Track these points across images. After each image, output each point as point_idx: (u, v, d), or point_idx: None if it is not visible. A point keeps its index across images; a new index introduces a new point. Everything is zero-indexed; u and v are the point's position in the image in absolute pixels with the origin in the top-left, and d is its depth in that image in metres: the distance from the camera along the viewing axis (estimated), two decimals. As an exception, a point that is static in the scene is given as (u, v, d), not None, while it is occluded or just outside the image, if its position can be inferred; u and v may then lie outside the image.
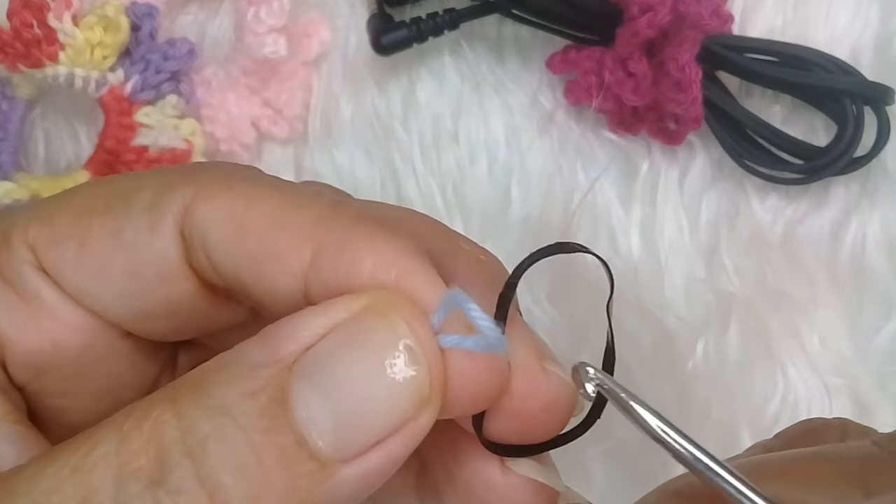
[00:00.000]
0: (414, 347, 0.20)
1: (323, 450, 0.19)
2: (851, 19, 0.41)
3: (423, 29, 0.41)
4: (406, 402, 0.20)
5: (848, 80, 0.38)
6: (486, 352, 0.21)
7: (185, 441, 0.19)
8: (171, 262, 0.23)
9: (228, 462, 0.19)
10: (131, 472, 0.19)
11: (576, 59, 0.40)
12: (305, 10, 0.42)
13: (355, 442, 0.20)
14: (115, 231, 0.23)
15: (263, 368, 0.20)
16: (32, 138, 0.43)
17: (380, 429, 0.20)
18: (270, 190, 0.23)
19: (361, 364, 0.20)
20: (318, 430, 0.19)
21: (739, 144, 0.40)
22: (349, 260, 0.21)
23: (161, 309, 0.24)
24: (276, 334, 0.20)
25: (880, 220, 0.40)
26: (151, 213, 0.23)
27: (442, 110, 0.43)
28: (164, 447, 0.19)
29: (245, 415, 0.19)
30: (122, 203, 0.24)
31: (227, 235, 0.23)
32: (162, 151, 0.40)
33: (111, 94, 0.40)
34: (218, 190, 0.23)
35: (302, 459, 0.19)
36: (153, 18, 0.41)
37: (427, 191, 0.42)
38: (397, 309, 0.21)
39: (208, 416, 0.19)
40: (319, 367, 0.20)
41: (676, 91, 0.38)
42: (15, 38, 0.39)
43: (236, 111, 0.41)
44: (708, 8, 0.39)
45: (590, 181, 0.41)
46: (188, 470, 0.19)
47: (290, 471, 0.19)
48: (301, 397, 0.19)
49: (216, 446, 0.19)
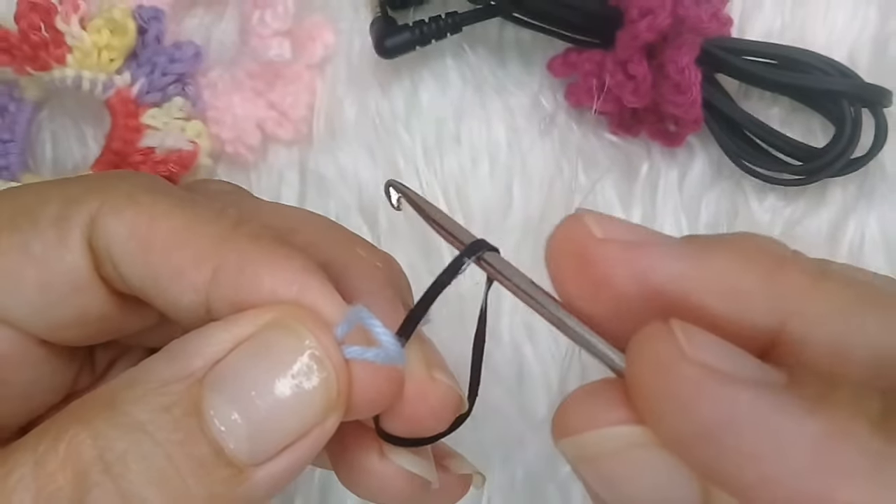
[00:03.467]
0: (320, 356, 0.21)
1: (239, 457, 0.20)
2: (849, 22, 0.41)
3: (426, 32, 0.41)
4: (315, 408, 0.21)
5: (845, 83, 0.38)
6: (386, 363, 0.22)
7: (103, 458, 0.20)
8: (81, 274, 0.24)
9: (148, 476, 0.20)
10: (50, 494, 0.19)
11: (576, 61, 0.41)
12: (309, 14, 0.43)
13: (268, 447, 0.21)
14: (23, 246, 0.24)
15: (174, 384, 0.21)
16: (40, 140, 0.44)
17: (291, 433, 0.21)
18: (174, 206, 0.24)
19: (271, 374, 0.21)
20: (234, 439, 0.20)
21: (738, 146, 0.40)
22: (249, 278, 0.22)
23: (74, 318, 0.25)
24: (183, 350, 0.21)
25: (878, 221, 0.40)
26: (58, 226, 0.24)
27: (444, 112, 0.43)
28: (81, 466, 0.20)
29: (160, 429, 0.20)
30: (27, 218, 0.24)
31: (132, 250, 0.23)
32: (168, 153, 0.40)
33: (118, 97, 0.40)
34: (123, 204, 0.24)
35: (219, 467, 0.20)
36: (159, 21, 0.41)
37: (429, 192, 0.42)
38: (302, 321, 0.22)
39: (124, 433, 0.20)
40: (230, 380, 0.21)
41: (676, 93, 0.38)
42: (23, 41, 0.40)
43: (241, 113, 0.42)
44: (707, 11, 0.39)
45: (590, 182, 0.41)
46: (108, 487, 0.19)
47: (208, 479, 0.20)
48: (215, 409, 0.20)
49: (135, 462, 0.20)
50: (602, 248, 0.20)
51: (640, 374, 0.18)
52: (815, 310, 0.20)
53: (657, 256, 0.20)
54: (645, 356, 0.18)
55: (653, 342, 0.18)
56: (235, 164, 0.43)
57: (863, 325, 0.20)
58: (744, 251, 0.21)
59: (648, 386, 0.18)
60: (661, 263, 0.20)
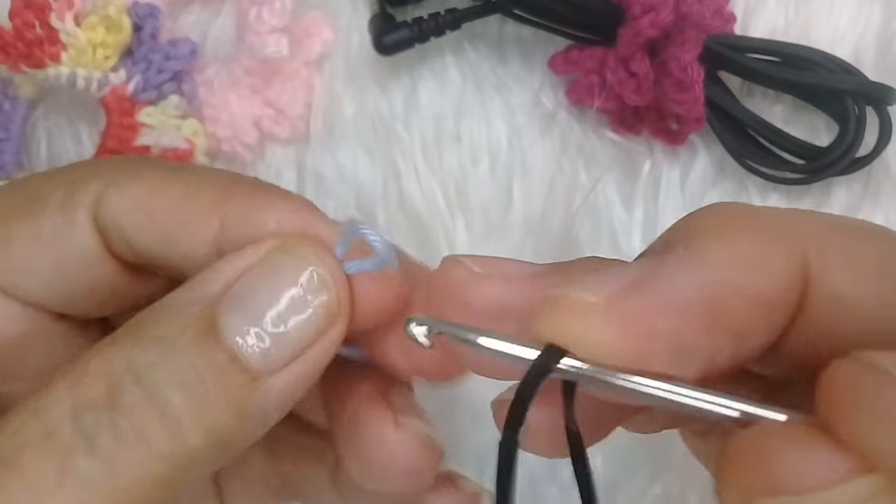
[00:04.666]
0: (322, 272, 0.24)
1: (253, 364, 0.23)
2: (853, 19, 0.41)
3: (425, 29, 0.41)
4: (322, 319, 0.24)
5: (850, 80, 0.38)
6: (382, 268, 0.24)
7: (132, 370, 0.22)
8: (91, 251, 0.26)
9: (173, 381, 0.22)
10: (86, 404, 0.22)
11: (577, 59, 0.40)
12: (307, 10, 0.42)
13: (279, 356, 0.23)
14: (35, 229, 0.26)
15: (192, 306, 0.23)
16: (34, 138, 0.43)
17: (299, 342, 0.23)
18: (173, 176, 0.26)
19: (278, 289, 0.23)
20: (248, 349, 0.23)
21: (741, 144, 0.40)
22: (254, 220, 0.25)
23: (87, 291, 0.27)
24: (199, 279, 0.24)
25: (882, 221, 0.40)
26: (65, 209, 0.26)
27: (444, 110, 0.43)
28: (112, 378, 0.22)
29: (183, 342, 0.22)
30: (36, 204, 0.26)
31: (139, 220, 0.25)
32: (164, 152, 0.40)
33: (113, 95, 0.40)
34: (126, 180, 0.26)
35: (235, 373, 0.22)
36: (155, 18, 0.41)
37: (429, 191, 0.42)
38: (304, 244, 0.24)
39: (150, 346, 0.22)
40: (241, 298, 0.23)
41: (678, 91, 0.38)
42: (17, 39, 0.39)
43: (238, 111, 0.41)
44: (710, 8, 0.39)
45: (592, 181, 0.41)
46: (138, 394, 0.22)
47: (225, 383, 0.22)
48: (230, 323, 0.23)
49: (161, 369, 0.22)
50: (617, 311, 0.20)
51: None
52: (832, 244, 0.20)
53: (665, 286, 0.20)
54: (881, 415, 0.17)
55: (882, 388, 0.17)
56: (232, 163, 0.43)
57: None
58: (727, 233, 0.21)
59: None
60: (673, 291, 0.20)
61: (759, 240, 0.20)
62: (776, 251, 0.20)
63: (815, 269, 0.20)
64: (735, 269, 0.20)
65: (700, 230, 0.21)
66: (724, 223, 0.21)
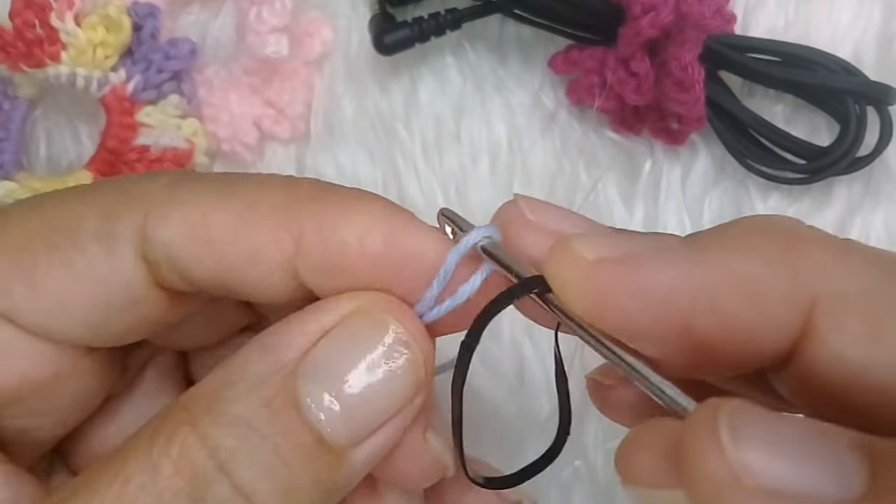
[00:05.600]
0: (406, 339, 0.22)
1: (337, 441, 0.21)
2: (854, 19, 0.41)
3: (425, 29, 0.41)
4: (405, 388, 0.22)
5: (850, 80, 0.38)
6: (466, 300, 0.23)
7: (216, 457, 0.21)
8: (137, 287, 0.24)
9: (258, 469, 0.21)
10: (173, 495, 0.20)
11: (578, 58, 0.40)
12: (307, 10, 0.42)
13: (363, 429, 0.22)
14: (66, 264, 0.23)
15: (271, 377, 0.21)
16: (34, 138, 0.43)
17: (383, 413, 0.22)
18: (220, 191, 0.23)
19: (360, 359, 0.22)
20: (331, 424, 0.21)
21: (742, 144, 0.40)
22: (334, 239, 0.23)
23: (129, 325, 0.25)
24: (276, 343, 0.22)
25: (883, 220, 0.40)
26: (102, 243, 0.23)
27: (444, 110, 0.43)
28: (196, 467, 0.20)
29: (264, 423, 0.21)
30: (64, 236, 0.23)
31: (197, 251, 0.23)
32: (164, 151, 0.40)
33: (113, 94, 0.40)
34: (168, 205, 0.23)
35: (321, 454, 0.21)
36: (155, 18, 0.41)
37: (429, 191, 0.42)
38: (384, 308, 0.22)
39: (231, 430, 0.21)
40: (322, 368, 0.21)
41: (679, 91, 0.38)
42: (17, 38, 0.39)
43: (238, 111, 0.41)
44: (710, 7, 0.38)
45: (592, 181, 0.41)
46: (224, 483, 0.20)
47: (312, 465, 0.21)
48: (311, 397, 0.21)
49: (245, 457, 0.21)
50: (596, 272, 0.20)
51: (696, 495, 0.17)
52: (842, 289, 0.19)
53: (652, 270, 0.20)
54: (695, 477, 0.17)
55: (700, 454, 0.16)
56: (232, 163, 0.43)
57: None
58: (748, 238, 0.20)
59: None
60: (656, 277, 0.20)
61: (768, 272, 0.20)
62: (778, 286, 0.19)
63: (819, 318, 0.19)
64: (721, 291, 0.20)
65: (727, 235, 0.21)
66: (745, 236, 0.20)
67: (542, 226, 0.23)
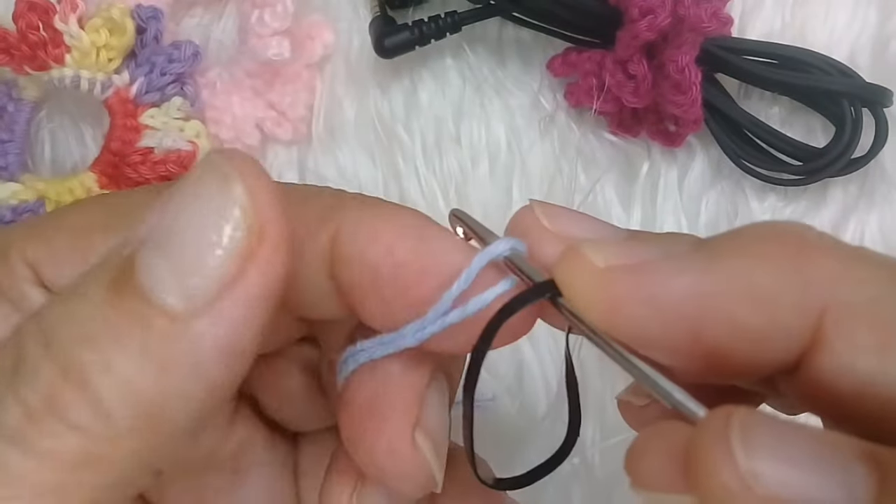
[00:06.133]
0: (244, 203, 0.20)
1: (172, 305, 0.19)
2: (849, 22, 0.41)
3: (425, 31, 0.41)
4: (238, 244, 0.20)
5: (846, 82, 0.38)
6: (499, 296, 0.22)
7: (40, 330, 0.19)
8: None
9: (78, 335, 0.19)
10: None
11: (576, 61, 0.41)
12: (309, 13, 0.43)
13: (202, 292, 0.19)
14: None
15: (119, 250, 0.20)
16: (38, 140, 0.43)
17: (222, 273, 0.19)
18: (282, 188, 0.23)
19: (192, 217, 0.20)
20: (163, 288, 0.19)
21: (738, 146, 0.40)
22: (367, 234, 0.22)
23: None
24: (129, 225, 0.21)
25: (878, 222, 0.40)
26: None
27: (444, 112, 0.43)
28: (21, 342, 0.19)
29: (95, 293, 0.19)
30: (121, 217, 0.24)
31: None
32: (167, 153, 0.40)
33: (116, 97, 0.40)
34: None
35: (151, 317, 0.19)
36: (158, 21, 0.41)
37: (429, 192, 0.42)
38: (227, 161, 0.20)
39: (61, 303, 0.20)
40: (160, 233, 0.20)
41: (676, 93, 0.38)
42: (21, 41, 0.39)
43: (240, 113, 0.42)
44: (707, 10, 0.39)
45: (590, 182, 0.41)
46: (40, 354, 0.19)
47: (140, 332, 0.19)
48: (144, 263, 0.20)
49: (64, 325, 0.19)
50: (607, 280, 0.20)
51: None
52: (852, 298, 0.19)
53: (662, 278, 0.20)
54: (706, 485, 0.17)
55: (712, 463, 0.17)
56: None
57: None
58: (758, 245, 0.20)
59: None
60: (667, 285, 0.20)
61: (777, 280, 0.20)
62: (788, 295, 0.19)
63: (828, 327, 0.19)
64: (730, 299, 0.20)
65: (737, 242, 0.21)
66: (756, 243, 0.20)
67: (561, 234, 0.22)
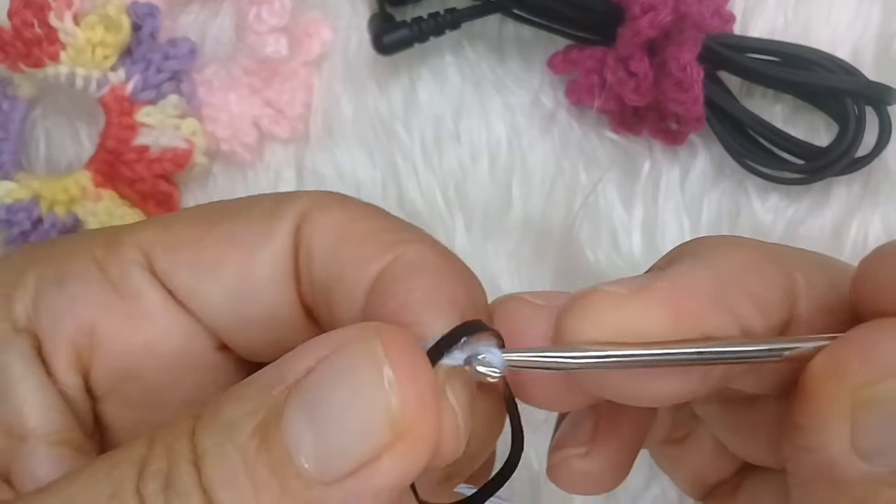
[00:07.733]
0: (391, 378, 0.20)
1: (307, 470, 0.20)
2: (853, 19, 0.41)
3: (425, 28, 0.41)
4: (377, 431, 0.20)
5: (849, 80, 0.38)
6: None
7: (195, 451, 0.20)
8: (282, 266, 0.25)
9: (222, 475, 0.20)
10: (152, 473, 0.20)
11: (577, 58, 0.40)
12: (307, 10, 0.42)
13: (336, 466, 0.20)
14: (232, 233, 0.25)
15: (269, 389, 0.21)
16: (33, 138, 0.43)
17: (358, 455, 0.20)
18: (372, 212, 0.26)
19: (342, 393, 0.20)
20: (303, 451, 0.20)
21: (741, 144, 0.40)
22: (395, 287, 0.23)
23: (262, 316, 0.26)
24: (286, 358, 0.21)
25: (882, 220, 0.40)
26: (270, 218, 0.26)
27: (443, 110, 0.43)
28: (175, 455, 0.20)
29: (243, 432, 0.20)
30: (240, 213, 0.26)
31: (330, 243, 0.25)
32: (163, 151, 0.40)
33: (112, 94, 0.40)
34: (332, 204, 0.26)
35: (288, 477, 0.20)
36: (154, 18, 0.41)
37: (428, 190, 0.42)
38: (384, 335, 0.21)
39: (213, 431, 0.21)
40: (309, 394, 0.20)
41: (678, 91, 0.38)
42: (16, 38, 0.39)
43: (237, 111, 0.41)
44: (709, 8, 0.39)
45: (591, 181, 0.41)
46: (193, 478, 0.20)
47: (277, 487, 0.20)
48: (293, 420, 0.20)
49: (212, 460, 0.20)
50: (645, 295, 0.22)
51: None
52: None
53: None
54: None
55: None
56: (231, 163, 0.43)
57: None
58: None
59: None
60: None
61: (756, 254, 0.24)
62: (769, 265, 0.23)
63: (801, 286, 0.23)
64: (738, 272, 0.23)
65: (703, 247, 0.24)
66: (724, 242, 0.24)
67: (551, 304, 0.23)
